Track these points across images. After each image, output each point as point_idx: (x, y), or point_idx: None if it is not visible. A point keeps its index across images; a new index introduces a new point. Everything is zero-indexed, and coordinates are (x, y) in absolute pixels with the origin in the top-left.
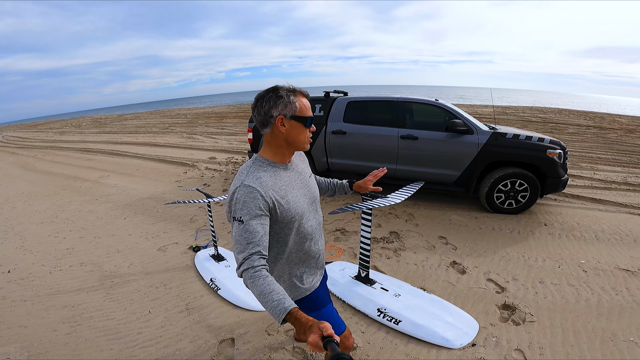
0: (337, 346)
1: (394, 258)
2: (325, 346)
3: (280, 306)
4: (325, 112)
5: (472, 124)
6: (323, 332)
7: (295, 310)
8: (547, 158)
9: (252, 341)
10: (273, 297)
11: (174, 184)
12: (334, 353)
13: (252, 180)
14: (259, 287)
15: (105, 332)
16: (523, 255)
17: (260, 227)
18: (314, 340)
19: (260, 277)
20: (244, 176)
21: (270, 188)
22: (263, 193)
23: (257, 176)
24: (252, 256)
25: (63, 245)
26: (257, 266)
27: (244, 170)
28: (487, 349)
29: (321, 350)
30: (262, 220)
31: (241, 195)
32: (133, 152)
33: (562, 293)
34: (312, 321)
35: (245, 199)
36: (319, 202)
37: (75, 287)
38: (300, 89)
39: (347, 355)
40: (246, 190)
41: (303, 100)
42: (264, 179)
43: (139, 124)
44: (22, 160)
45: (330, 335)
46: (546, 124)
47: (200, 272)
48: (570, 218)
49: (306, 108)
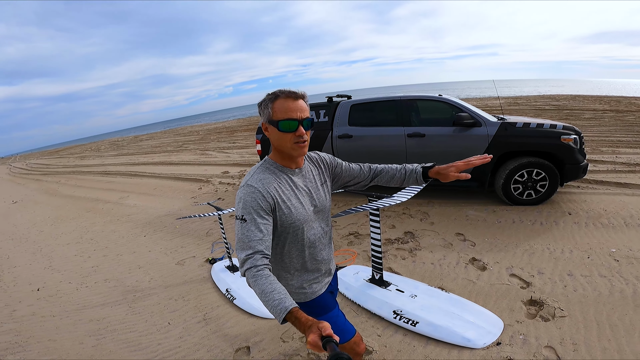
0: (336, 346)
1: (410, 258)
2: (325, 346)
3: (281, 305)
4: (329, 117)
5: (479, 116)
6: (322, 331)
7: (295, 309)
8: (562, 144)
9: (267, 349)
10: (274, 296)
11: (190, 200)
12: (333, 353)
13: (255, 180)
14: (261, 286)
15: (127, 344)
16: (548, 248)
17: (262, 226)
18: (313, 339)
19: (262, 276)
20: (249, 177)
21: (272, 189)
22: (264, 193)
23: (260, 177)
24: (255, 255)
25: (88, 263)
26: (260, 265)
27: (251, 171)
28: (514, 348)
29: (320, 350)
30: (265, 220)
31: (243, 194)
32: (150, 172)
33: (593, 285)
34: (311, 321)
35: (247, 198)
36: (327, 212)
37: (100, 302)
38: (287, 92)
39: (345, 355)
40: (248, 189)
41: (281, 104)
42: (267, 180)
43: (154, 144)
44: (47, 186)
45: (329, 335)
46: (561, 110)
47: (217, 283)
48: (595, 205)
49: (281, 111)
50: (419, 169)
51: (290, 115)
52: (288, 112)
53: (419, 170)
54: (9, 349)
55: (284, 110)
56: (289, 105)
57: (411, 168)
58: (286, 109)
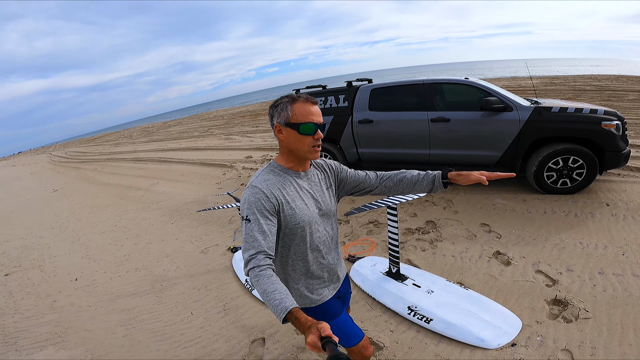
0: (335, 346)
1: (430, 250)
2: (324, 346)
3: (282, 305)
4: (349, 102)
5: (509, 100)
6: (321, 332)
7: (295, 310)
8: (603, 130)
9: (282, 340)
10: (275, 296)
11: (215, 187)
12: (333, 353)
13: (260, 181)
14: (263, 285)
15: (154, 334)
16: (580, 242)
17: (266, 226)
18: (312, 340)
19: (264, 276)
20: (255, 177)
21: (276, 190)
22: (268, 194)
23: (265, 178)
24: (258, 255)
25: (121, 252)
26: (263, 265)
27: (257, 173)
28: (529, 349)
29: (319, 350)
30: (268, 221)
31: (248, 195)
32: (178, 158)
33: (624, 285)
34: (311, 321)
35: (251, 199)
36: (333, 216)
37: (131, 291)
38: (305, 97)
39: (344, 356)
40: (252, 190)
41: (301, 107)
42: (271, 181)
43: (182, 130)
44: (84, 174)
45: (328, 335)
46: (602, 92)
47: (237, 272)
48: (637, 196)
49: (302, 114)
50: (437, 172)
51: (311, 118)
52: (309, 115)
53: (437, 173)
54: (50, 339)
55: (305, 114)
56: (309, 109)
57: (426, 172)
58: (307, 112)
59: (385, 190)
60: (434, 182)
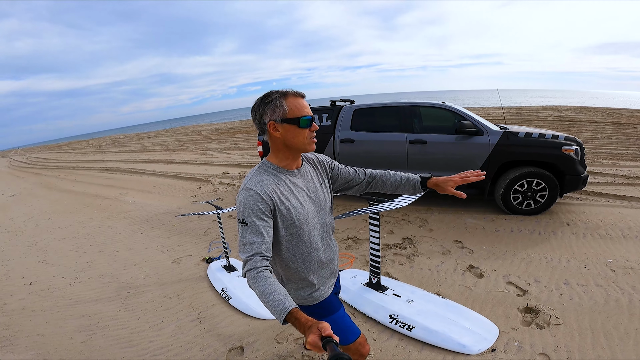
0: (336, 346)
1: (407, 264)
2: (325, 346)
3: (281, 306)
4: (332, 121)
5: (481, 124)
6: (322, 332)
7: (295, 310)
8: (564, 155)
9: (261, 349)
10: (274, 297)
11: (189, 199)
12: (333, 353)
13: (254, 183)
14: (261, 287)
15: (118, 341)
16: (545, 257)
17: (262, 228)
18: (313, 340)
19: (262, 277)
20: (248, 179)
21: (271, 190)
22: (263, 195)
23: (259, 179)
24: (255, 257)
25: (83, 259)
26: (260, 267)
27: (249, 174)
28: (509, 354)
29: (320, 350)
30: (264, 222)
31: (243, 197)
32: (150, 170)
33: (589, 294)
34: (311, 321)
35: (246, 201)
36: (328, 212)
37: (93, 297)
38: (293, 91)
39: (345, 356)
40: (247, 193)
41: (295, 101)
42: (266, 182)
43: (156, 142)
44: (46, 180)
45: (329, 335)
46: (563, 122)
47: (213, 282)
48: (594, 216)
49: (298, 108)
50: (417, 177)
51: (307, 112)
52: (304, 108)
53: (417, 179)
54: None
55: (300, 108)
56: (302, 102)
57: (407, 176)
58: (302, 105)
59: (370, 189)
60: (415, 188)
